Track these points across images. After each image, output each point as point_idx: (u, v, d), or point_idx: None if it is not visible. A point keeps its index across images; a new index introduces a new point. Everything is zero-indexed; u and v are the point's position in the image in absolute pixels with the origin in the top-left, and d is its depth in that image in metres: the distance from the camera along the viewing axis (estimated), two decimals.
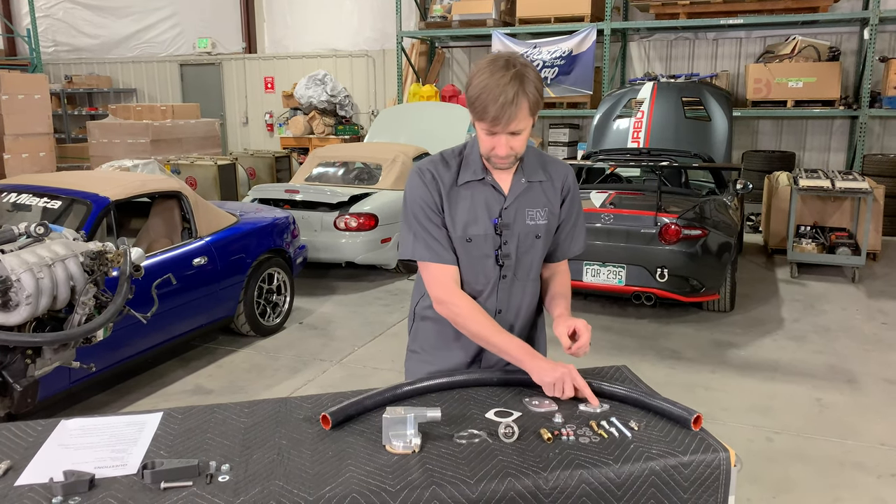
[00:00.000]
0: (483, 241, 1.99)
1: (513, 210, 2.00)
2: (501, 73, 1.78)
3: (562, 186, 2.07)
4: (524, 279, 2.07)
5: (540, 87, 1.84)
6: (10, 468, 1.51)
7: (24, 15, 14.08)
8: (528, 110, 1.81)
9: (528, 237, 2.03)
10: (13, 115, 10.01)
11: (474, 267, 2.02)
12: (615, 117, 7.27)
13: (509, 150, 1.88)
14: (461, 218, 1.98)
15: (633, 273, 5.44)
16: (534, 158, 2.05)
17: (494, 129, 1.84)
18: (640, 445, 1.60)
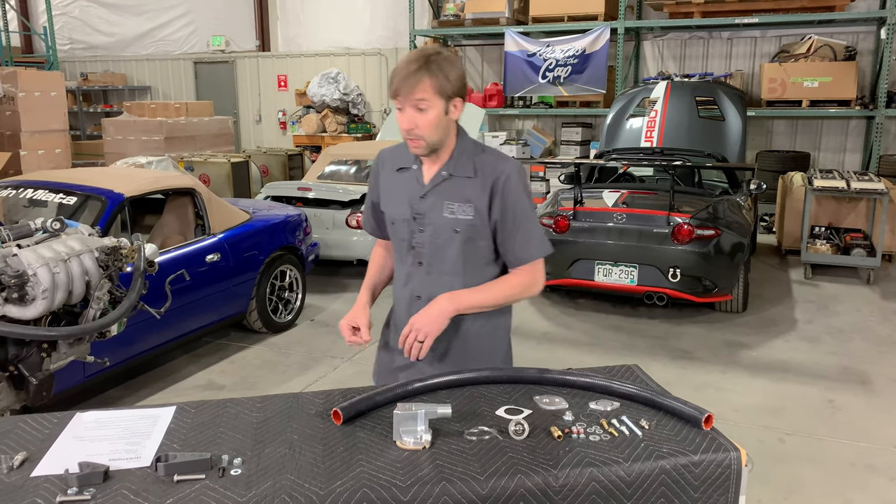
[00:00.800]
0: (402, 226, 2.10)
1: (429, 200, 2.05)
2: (412, 54, 1.96)
3: (491, 185, 2.02)
4: (441, 271, 2.07)
5: (453, 74, 1.94)
6: (27, 459, 1.53)
7: (41, 13, 14.20)
8: (431, 87, 1.90)
9: (445, 230, 2.04)
10: (30, 112, 10.10)
11: (398, 247, 2.15)
12: (628, 116, 7.24)
13: (412, 125, 1.94)
14: (389, 201, 2.14)
15: (646, 273, 5.42)
16: (468, 155, 2.05)
17: (400, 102, 1.94)
18: (651, 444, 1.60)
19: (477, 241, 2.05)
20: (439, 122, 1.94)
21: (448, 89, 1.92)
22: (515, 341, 5.50)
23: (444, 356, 2.12)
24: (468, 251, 2.05)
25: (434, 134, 1.96)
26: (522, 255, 2.07)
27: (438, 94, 1.91)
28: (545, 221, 5.79)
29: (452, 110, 1.97)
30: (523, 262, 2.08)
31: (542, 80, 10.27)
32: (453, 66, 1.94)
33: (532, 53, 10.27)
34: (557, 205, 5.93)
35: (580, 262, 5.61)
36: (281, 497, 1.40)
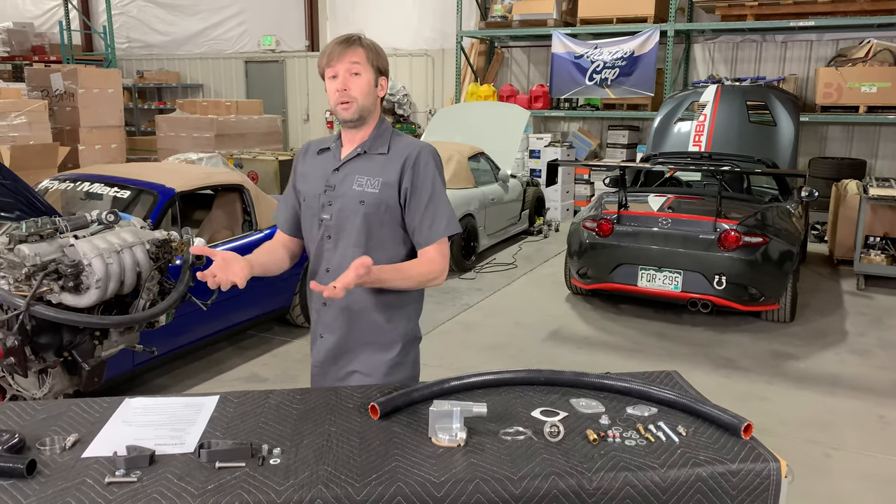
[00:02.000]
0: (313, 201, 2.14)
1: (342, 174, 2.11)
2: (342, 35, 2.07)
3: (402, 162, 2.08)
4: (346, 244, 2.10)
5: (380, 50, 2.09)
6: (78, 441, 1.60)
7: (101, 12, 14.69)
8: (364, 54, 2.03)
9: (352, 202, 2.08)
10: (88, 108, 10.45)
11: (308, 224, 2.18)
12: (676, 120, 7.12)
13: (346, 87, 2.01)
14: (305, 180, 2.19)
15: (690, 279, 5.33)
16: (386, 135, 2.14)
17: (334, 67, 2.02)
18: (688, 451, 1.58)
19: (381, 214, 2.07)
20: (370, 89, 2.05)
21: (378, 63, 2.06)
22: (555, 344, 5.45)
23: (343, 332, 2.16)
24: (372, 224, 2.08)
25: (366, 99, 2.04)
26: (433, 234, 2.08)
27: (370, 63, 2.03)
28: (588, 224, 5.75)
29: (380, 87, 2.09)
30: (432, 241, 2.08)
31: (589, 82, 10.19)
32: (380, 48, 2.10)
33: (579, 55, 10.20)
34: (601, 208, 5.88)
35: (623, 267, 5.55)
36: (318, 487, 1.43)
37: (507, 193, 8.17)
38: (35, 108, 9.44)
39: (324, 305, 2.16)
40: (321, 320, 2.20)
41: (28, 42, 14.79)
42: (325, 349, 2.19)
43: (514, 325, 5.72)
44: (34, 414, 1.74)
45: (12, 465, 1.43)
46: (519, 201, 8.60)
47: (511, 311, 6.07)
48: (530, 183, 9.24)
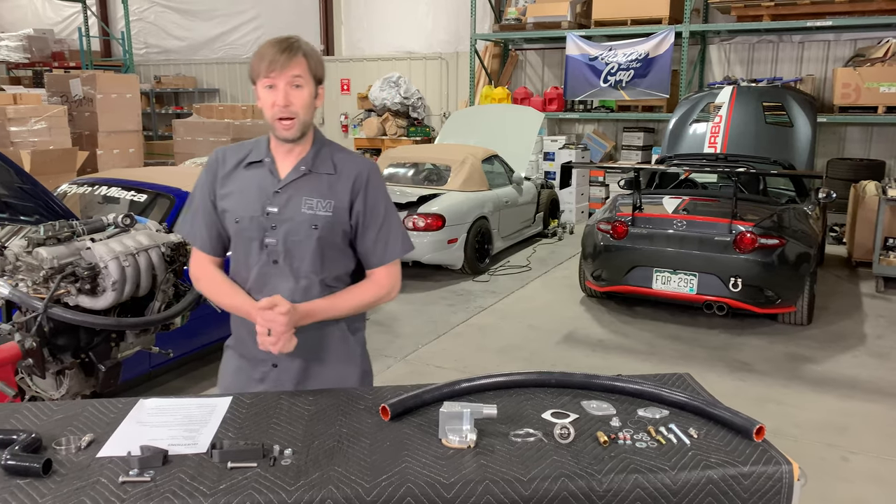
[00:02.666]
0: (249, 224, 1.97)
1: (285, 195, 1.96)
2: (278, 39, 1.90)
3: (353, 182, 1.98)
4: (297, 270, 1.98)
5: (319, 58, 1.94)
6: (93, 441, 1.62)
7: (119, 19, 14.85)
8: (306, 65, 1.88)
9: (303, 226, 1.95)
10: (106, 113, 10.58)
11: (243, 249, 2.01)
12: (691, 122, 7.09)
13: (288, 102, 1.87)
14: (233, 199, 1.99)
15: (705, 281, 5.30)
16: (326, 150, 2.01)
17: (273, 77, 1.86)
18: (699, 453, 1.58)
19: (335, 238, 1.99)
20: (311, 102, 1.92)
21: (318, 73, 1.92)
22: (569, 347, 5.43)
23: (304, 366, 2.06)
24: (326, 248, 1.98)
25: (307, 113, 1.92)
26: (389, 254, 2.04)
27: (312, 74, 1.90)
28: (602, 227, 5.73)
29: (319, 98, 1.95)
30: (385, 262, 2.04)
31: (603, 84, 10.16)
32: (318, 53, 1.95)
33: (594, 57, 10.17)
34: (615, 210, 5.86)
35: (637, 269, 5.52)
36: (328, 488, 1.44)
37: (521, 196, 8.16)
38: (55, 114, 9.58)
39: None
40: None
41: (48, 48, 15.01)
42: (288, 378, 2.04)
43: (527, 327, 5.71)
44: (50, 414, 1.76)
45: (28, 464, 1.46)
46: (533, 204, 8.59)
47: (525, 313, 6.06)
48: (545, 185, 9.22)
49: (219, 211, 2.01)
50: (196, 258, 2.09)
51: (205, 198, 2.03)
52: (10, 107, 9.30)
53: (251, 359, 2.08)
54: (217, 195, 2.01)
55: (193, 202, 2.06)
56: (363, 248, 2.03)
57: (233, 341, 2.15)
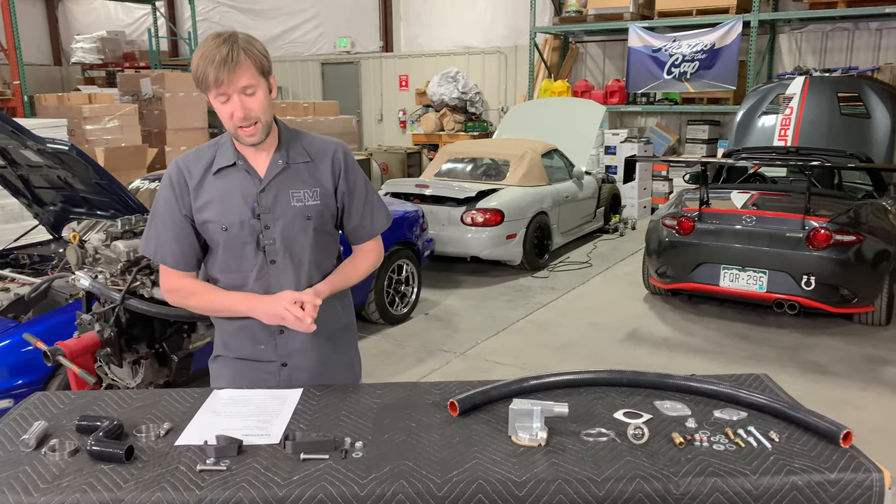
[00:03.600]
0: (240, 229, 1.91)
1: (271, 193, 1.92)
2: (214, 41, 1.79)
3: (331, 165, 1.98)
4: (298, 263, 1.96)
5: (260, 47, 1.84)
6: (171, 429, 1.66)
7: (186, 19, 15.31)
8: (252, 67, 1.79)
9: (297, 219, 1.93)
10: (174, 111, 10.92)
11: (235, 255, 1.95)
12: (760, 114, 6.85)
13: (247, 112, 1.81)
14: (213, 208, 1.91)
15: (776, 279, 5.11)
16: (294, 139, 1.98)
17: (223, 91, 1.78)
18: (781, 458, 1.51)
19: (326, 224, 1.99)
20: (268, 101, 1.86)
21: (265, 66, 1.83)
22: (632, 345, 5.34)
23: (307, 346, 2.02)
24: (320, 236, 1.98)
25: (267, 114, 1.86)
26: (375, 228, 2.08)
27: (260, 72, 1.82)
28: (668, 222, 5.59)
29: (272, 89, 1.88)
30: (376, 234, 2.09)
31: (667, 75, 9.93)
32: (258, 42, 1.85)
33: (657, 49, 9.95)
34: (681, 205, 5.71)
35: (704, 266, 5.37)
36: (399, 482, 1.44)
37: (581, 191, 8.05)
38: (126, 112, 9.95)
39: (280, 333, 1.98)
40: (279, 349, 1.99)
41: (120, 49, 15.59)
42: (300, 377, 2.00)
43: (588, 324, 5.63)
44: (131, 402, 1.82)
45: (112, 450, 1.51)
46: (594, 199, 8.46)
47: (586, 310, 5.98)
48: (606, 180, 9.07)
49: (198, 223, 1.93)
50: (167, 275, 1.99)
51: (173, 213, 1.93)
52: (85, 106, 9.70)
53: (254, 360, 2.01)
54: (192, 208, 1.92)
55: (156, 219, 1.97)
56: (350, 226, 2.05)
57: (223, 349, 2.07)
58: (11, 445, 1.59)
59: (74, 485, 1.43)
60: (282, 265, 1.95)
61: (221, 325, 2.05)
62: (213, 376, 2.10)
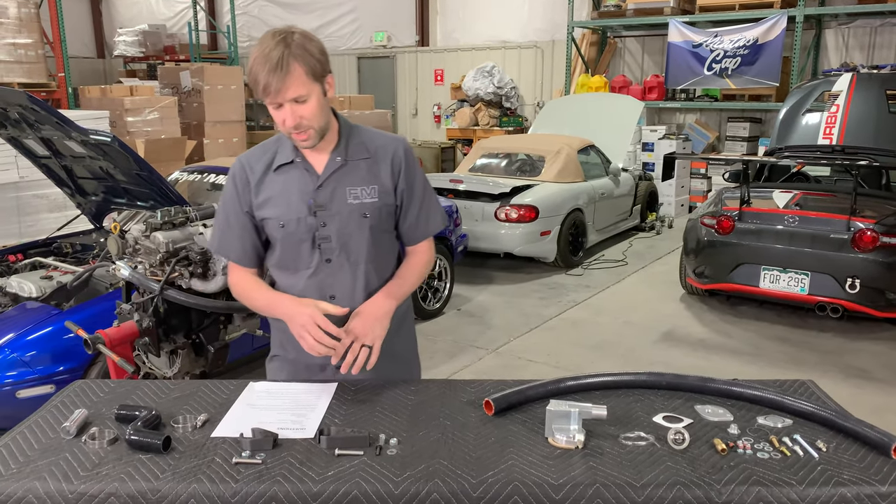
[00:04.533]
0: (297, 226, 1.89)
1: (328, 190, 1.89)
2: (268, 41, 1.73)
3: (391, 162, 1.94)
4: (355, 263, 1.92)
5: (315, 49, 1.77)
6: (207, 420, 1.67)
7: (226, 13, 15.47)
8: (303, 73, 1.73)
9: (353, 217, 1.89)
10: (213, 104, 11.06)
11: (292, 253, 1.93)
12: (804, 111, 6.66)
13: (298, 120, 1.77)
14: (273, 205, 1.90)
15: (819, 281, 4.98)
16: (355, 135, 1.94)
17: (275, 100, 1.75)
18: (829, 468, 1.46)
19: (384, 223, 1.95)
20: (321, 106, 1.81)
21: (319, 69, 1.77)
22: (668, 346, 5.25)
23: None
24: (377, 235, 1.94)
25: (321, 120, 1.82)
26: (430, 228, 2.03)
27: (312, 78, 1.76)
28: (707, 221, 5.48)
29: (328, 89, 1.83)
30: (430, 235, 2.04)
31: (707, 71, 9.74)
32: (314, 42, 1.78)
33: (698, 44, 9.76)
34: (721, 204, 5.59)
35: (744, 267, 5.26)
36: (434, 481, 1.42)
37: (617, 188, 7.94)
38: (166, 105, 10.10)
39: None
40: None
41: (161, 42, 15.84)
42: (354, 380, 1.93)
43: (623, 323, 5.55)
44: (168, 392, 1.84)
45: (150, 440, 1.52)
46: (630, 196, 8.34)
47: (621, 309, 5.90)
48: (643, 177, 8.94)
49: (258, 220, 1.93)
50: (231, 270, 2.03)
51: (236, 210, 1.94)
52: (126, 98, 9.88)
53: (306, 365, 1.98)
54: (253, 205, 1.92)
55: (220, 216, 1.99)
56: (406, 226, 2.01)
57: (279, 349, 2.06)
58: (53, 433, 1.61)
59: (113, 473, 1.44)
60: (337, 264, 1.92)
61: (277, 325, 2.03)
62: (269, 377, 2.08)
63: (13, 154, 6.71)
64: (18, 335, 3.31)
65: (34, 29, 9.26)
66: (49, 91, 9.58)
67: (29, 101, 3.50)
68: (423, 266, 2.05)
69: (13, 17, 9.02)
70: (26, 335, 3.32)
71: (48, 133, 3.82)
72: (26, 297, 3.76)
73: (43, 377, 3.26)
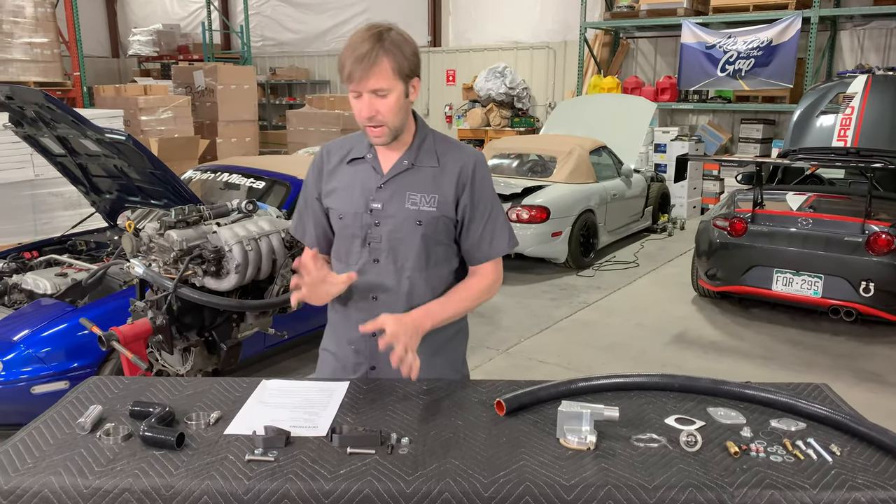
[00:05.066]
0: (352, 220, 1.92)
1: (388, 191, 1.89)
2: (362, 33, 1.77)
3: (458, 175, 1.89)
4: (401, 268, 1.91)
5: (409, 51, 1.79)
6: (220, 418, 1.68)
7: (239, 13, 15.55)
8: (389, 68, 1.74)
9: (407, 222, 1.88)
10: (226, 104, 11.12)
11: (346, 246, 1.96)
12: (819, 113, 6.61)
13: (373, 113, 1.78)
14: (337, 195, 1.94)
15: (832, 284, 4.94)
16: (430, 142, 1.93)
17: (355, 88, 1.77)
18: (843, 472, 1.45)
19: (439, 234, 1.91)
20: (400, 105, 1.81)
21: (406, 69, 1.78)
22: (680, 348, 5.22)
23: None
24: (430, 245, 1.90)
25: (396, 118, 1.82)
26: (494, 250, 1.95)
27: (397, 75, 1.76)
28: (719, 223, 5.46)
29: (412, 91, 1.83)
30: (494, 257, 1.96)
31: (720, 73, 9.69)
32: (408, 43, 1.80)
33: (711, 45, 9.71)
34: (734, 206, 5.56)
35: (756, 269, 5.23)
36: (446, 480, 1.43)
37: (629, 189, 7.92)
38: (180, 104, 10.17)
39: (372, 336, 1.90)
40: (370, 351, 1.97)
41: (175, 42, 15.94)
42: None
43: (635, 325, 5.53)
44: (181, 390, 1.85)
45: (164, 436, 1.53)
46: (642, 197, 8.31)
47: (632, 311, 5.88)
48: (655, 178, 8.91)
49: (324, 208, 1.98)
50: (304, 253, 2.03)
51: (310, 195, 2.00)
52: (140, 97, 9.95)
53: (345, 364, 2.03)
54: (322, 192, 1.97)
55: (301, 200, 2.05)
56: (468, 244, 1.95)
57: (328, 342, 2.11)
58: (68, 428, 1.63)
59: (127, 469, 1.45)
60: (384, 266, 1.92)
61: (329, 317, 2.07)
62: (318, 365, 2.15)
63: (29, 152, 6.77)
64: (33, 331, 3.34)
65: (50, 28, 9.33)
66: (64, 90, 9.66)
67: (46, 99, 3.53)
68: (478, 291, 1.96)
69: (30, 16, 9.11)
70: (41, 332, 3.35)
71: (64, 131, 3.85)
72: (41, 293, 3.80)
73: (57, 373, 3.29)
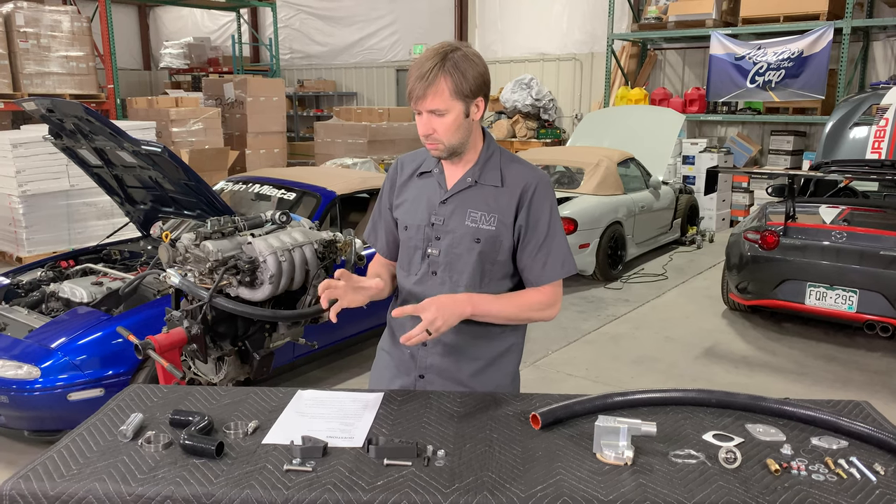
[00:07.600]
0: (415, 233, 1.97)
1: (450, 206, 1.93)
2: (429, 51, 1.81)
3: (519, 196, 1.90)
4: (456, 283, 1.93)
5: (471, 72, 1.79)
6: (258, 427, 1.70)
7: (268, 26, 15.79)
8: (447, 89, 1.78)
9: (465, 239, 1.91)
10: (255, 115, 11.28)
11: (408, 257, 2.02)
12: (852, 125, 6.52)
13: (430, 131, 1.83)
14: (405, 207, 2.01)
15: (867, 299, 4.85)
16: (495, 161, 1.94)
17: (415, 106, 1.83)
18: (888, 492, 1.43)
19: (497, 253, 1.92)
20: (458, 125, 1.83)
21: (466, 89, 1.79)
22: (710, 362, 5.17)
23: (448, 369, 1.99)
24: (486, 263, 1.92)
25: (453, 137, 1.85)
26: (546, 274, 1.92)
27: (455, 96, 1.78)
28: (750, 236, 5.40)
29: (474, 111, 1.85)
30: (546, 282, 1.93)
31: (750, 84, 9.60)
32: (472, 64, 1.80)
33: (740, 56, 9.63)
34: (765, 219, 5.50)
35: (789, 283, 5.15)
36: (483, 493, 1.43)
37: (657, 201, 7.86)
38: (210, 116, 10.33)
39: (423, 346, 1.98)
40: (418, 360, 2.01)
41: (205, 55, 16.22)
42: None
43: (664, 339, 5.48)
44: (219, 399, 1.87)
45: (204, 445, 1.55)
46: (671, 209, 8.25)
47: (661, 324, 5.83)
48: (683, 190, 8.83)
49: (394, 218, 2.05)
50: (374, 259, 2.17)
51: (383, 205, 2.09)
52: (172, 109, 10.13)
53: (398, 365, 2.07)
54: (393, 203, 2.05)
55: (376, 208, 2.13)
56: (522, 265, 1.95)
57: (386, 343, 2.16)
58: (110, 435, 1.66)
59: (169, 477, 1.48)
60: (440, 279, 1.96)
61: (388, 319, 2.10)
62: (374, 363, 2.21)
63: (65, 163, 6.94)
64: (70, 339, 3.41)
65: (86, 42, 9.56)
66: (98, 102, 9.87)
67: (85, 112, 3.62)
68: (530, 302, 1.94)
69: (67, 30, 9.34)
70: (77, 339, 3.41)
71: (101, 143, 3.94)
72: (78, 302, 3.87)
73: (93, 380, 3.35)
